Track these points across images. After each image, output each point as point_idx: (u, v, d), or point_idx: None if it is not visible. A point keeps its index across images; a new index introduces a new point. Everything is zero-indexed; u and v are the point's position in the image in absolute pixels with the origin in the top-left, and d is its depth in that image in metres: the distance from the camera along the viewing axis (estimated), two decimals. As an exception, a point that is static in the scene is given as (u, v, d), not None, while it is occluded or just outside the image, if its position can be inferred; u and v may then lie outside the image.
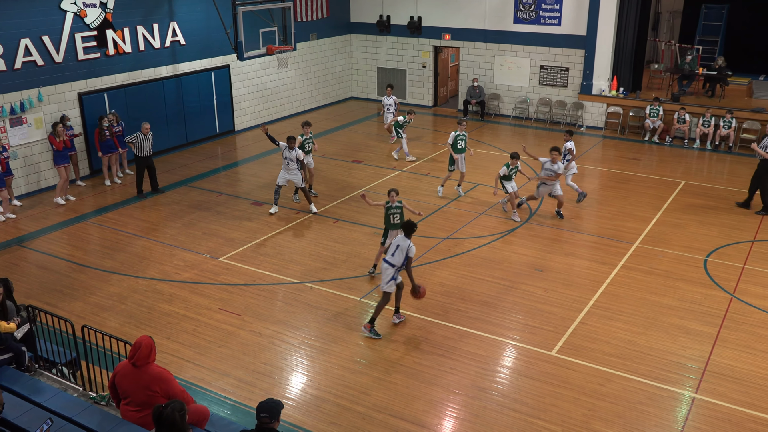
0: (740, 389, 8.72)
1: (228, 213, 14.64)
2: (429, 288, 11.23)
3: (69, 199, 15.40)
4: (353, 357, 9.48)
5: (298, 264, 12.31)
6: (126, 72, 17.44)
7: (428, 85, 24.30)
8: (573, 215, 14.41)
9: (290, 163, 13.99)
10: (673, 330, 10.08)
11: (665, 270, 11.96)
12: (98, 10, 16.48)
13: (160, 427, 5.67)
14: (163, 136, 18.47)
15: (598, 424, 8.08)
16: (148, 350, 6.60)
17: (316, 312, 10.70)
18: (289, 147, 13.94)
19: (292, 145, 13.96)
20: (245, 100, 21.17)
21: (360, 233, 13.60)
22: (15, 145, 15.19)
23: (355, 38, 25.09)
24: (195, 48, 19.16)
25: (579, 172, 16.45)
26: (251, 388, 8.78)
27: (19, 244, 13.25)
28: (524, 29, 21.86)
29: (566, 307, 10.76)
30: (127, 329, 10.11)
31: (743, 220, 14.06)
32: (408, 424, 8.10)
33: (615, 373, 9.04)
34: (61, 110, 15.95)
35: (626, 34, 21.15)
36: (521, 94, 22.56)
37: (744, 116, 19.27)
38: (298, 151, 14.01)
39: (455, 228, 13.77)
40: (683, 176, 16.89)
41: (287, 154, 13.95)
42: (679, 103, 20.15)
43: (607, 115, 21.21)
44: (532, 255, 12.60)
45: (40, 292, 11.29)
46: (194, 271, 12.08)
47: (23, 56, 15.04)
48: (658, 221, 14.07)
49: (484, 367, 9.23)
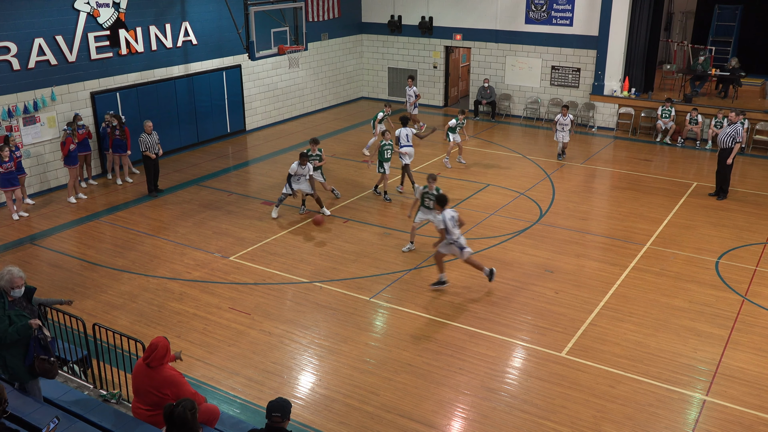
0: (752, 392, 8.66)
1: (238, 212, 14.69)
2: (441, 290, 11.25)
3: (81, 198, 15.51)
4: (362, 357, 9.49)
5: (307, 263, 12.34)
6: (138, 71, 17.54)
7: (439, 85, 24.28)
8: (583, 216, 14.35)
9: (300, 177, 14.07)
10: (684, 332, 10.03)
11: (676, 272, 11.90)
12: (111, 9, 16.57)
13: (171, 425, 5.68)
14: (175, 136, 18.56)
15: (607, 426, 8.05)
16: (164, 352, 6.61)
17: (325, 312, 10.72)
18: (300, 163, 13.90)
19: (304, 162, 13.91)
20: (256, 100, 21.23)
21: (370, 233, 13.61)
22: (28, 144, 15.31)
23: (367, 38, 25.11)
24: (207, 48, 19.24)
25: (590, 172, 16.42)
26: (261, 387, 8.81)
27: (32, 242, 13.35)
28: (536, 29, 21.80)
29: (576, 308, 10.72)
30: (137, 327, 10.17)
31: (755, 222, 13.97)
32: (417, 425, 8.10)
33: (625, 375, 9.00)
34: (74, 109, 16.05)
35: (638, 34, 21.05)
36: (532, 95, 22.50)
37: (757, 117, 19.14)
38: (309, 167, 14.06)
39: (465, 228, 13.74)
40: (695, 177, 16.79)
41: (300, 170, 13.97)
42: (692, 104, 20.04)
43: (619, 116, 21.12)
44: (543, 256, 12.57)
45: (52, 290, 11.36)
46: (204, 270, 12.13)
47: (37, 56, 15.16)
48: (669, 223, 14.00)
49: (494, 368, 9.22)
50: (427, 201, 12.31)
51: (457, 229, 10.96)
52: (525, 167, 17.64)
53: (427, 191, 12.30)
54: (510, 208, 14.76)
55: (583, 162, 17.83)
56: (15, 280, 6.82)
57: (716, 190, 15.37)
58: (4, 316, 6.70)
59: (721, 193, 15.28)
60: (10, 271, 6.81)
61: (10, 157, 13.83)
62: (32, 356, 6.82)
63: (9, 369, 6.91)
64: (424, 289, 11.33)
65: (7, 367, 6.90)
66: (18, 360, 6.84)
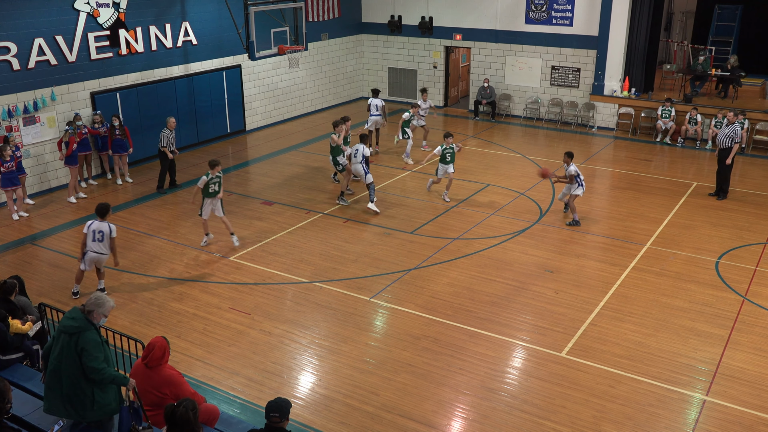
0: (752, 392, 8.66)
1: (238, 212, 14.69)
2: (439, 288, 11.26)
3: (81, 198, 15.51)
4: (362, 357, 9.49)
5: (307, 263, 12.34)
6: (138, 71, 17.54)
7: (439, 85, 24.28)
8: (584, 216, 14.35)
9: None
10: (684, 332, 10.03)
11: (676, 272, 11.90)
12: (111, 9, 16.57)
13: (173, 425, 5.68)
14: (175, 136, 18.52)
15: (607, 426, 8.05)
16: (161, 352, 6.61)
17: (325, 312, 10.72)
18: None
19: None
20: (256, 100, 21.23)
21: (370, 233, 13.61)
22: (28, 144, 15.32)
23: (367, 38, 25.11)
24: (207, 48, 19.24)
25: (590, 172, 16.42)
26: (261, 387, 8.81)
27: (32, 242, 13.35)
28: (536, 29, 21.80)
29: (576, 308, 10.72)
30: (137, 327, 10.17)
31: (755, 222, 13.96)
32: (417, 425, 8.10)
33: (625, 375, 9.00)
34: (74, 109, 16.06)
35: (638, 34, 21.05)
36: (532, 95, 22.50)
37: (757, 117, 19.14)
38: (365, 149, 14.52)
39: (465, 228, 13.75)
40: (695, 177, 16.79)
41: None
42: (692, 104, 20.04)
43: (619, 116, 21.12)
44: (543, 256, 12.57)
45: (52, 290, 11.36)
46: (204, 270, 12.13)
47: (37, 56, 15.16)
48: (669, 223, 14.00)
49: (494, 368, 9.22)
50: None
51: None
52: (525, 167, 17.64)
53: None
54: (510, 208, 14.76)
55: (583, 162, 17.82)
56: (109, 310, 6.48)
57: (716, 190, 15.37)
58: (104, 349, 6.29)
59: (721, 193, 15.28)
60: (108, 301, 6.42)
61: (11, 156, 13.84)
62: (128, 425, 6.31)
63: (96, 404, 6.26)
64: (424, 289, 11.34)
65: (94, 402, 6.25)
66: (110, 396, 6.34)
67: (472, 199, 15.35)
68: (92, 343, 6.16)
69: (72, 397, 6.21)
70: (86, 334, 6.17)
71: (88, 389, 6.20)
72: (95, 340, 6.20)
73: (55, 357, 6.23)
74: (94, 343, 6.18)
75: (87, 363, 6.09)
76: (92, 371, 6.11)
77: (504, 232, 13.61)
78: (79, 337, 6.13)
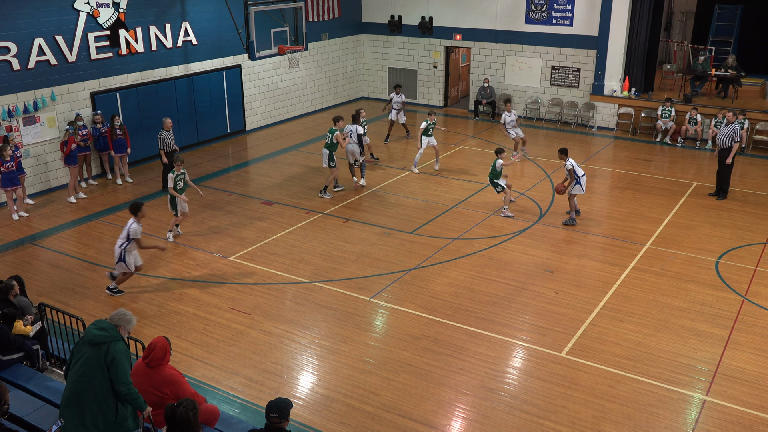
0: (752, 392, 8.66)
1: (238, 212, 14.69)
2: (439, 288, 11.25)
3: (81, 198, 15.51)
4: (362, 357, 9.49)
5: (307, 263, 12.34)
6: (138, 71, 17.54)
7: (439, 85, 24.28)
8: (584, 216, 14.35)
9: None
10: (684, 332, 10.03)
11: (676, 272, 11.90)
12: (111, 9, 16.57)
13: (173, 425, 5.68)
14: (175, 136, 18.45)
15: (607, 426, 8.05)
16: (162, 352, 6.62)
17: (325, 312, 10.72)
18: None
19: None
20: (256, 100, 21.23)
21: (370, 233, 13.61)
22: (28, 144, 15.31)
23: (366, 38, 25.11)
24: (207, 48, 19.24)
25: (590, 172, 16.39)
26: (260, 387, 8.81)
27: (32, 242, 13.35)
28: (536, 29, 21.80)
29: (576, 308, 10.72)
30: (137, 327, 10.13)
31: (755, 222, 13.96)
32: (417, 425, 8.10)
33: (625, 375, 9.00)
34: (74, 109, 16.06)
35: (638, 34, 21.05)
36: (532, 95, 22.50)
37: (757, 117, 19.14)
38: (358, 128, 15.64)
39: (465, 228, 13.76)
40: (695, 177, 16.79)
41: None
42: (692, 104, 20.04)
43: (619, 116, 21.12)
44: (543, 256, 12.57)
45: (52, 290, 11.37)
46: (204, 270, 12.13)
47: (37, 56, 15.16)
48: (669, 223, 14.00)
49: (494, 368, 9.22)
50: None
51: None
52: (525, 167, 17.64)
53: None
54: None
55: (583, 162, 17.82)
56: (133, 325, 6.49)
57: (716, 190, 15.37)
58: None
59: (721, 193, 15.28)
60: (134, 318, 6.45)
61: (11, 156, 13.84)
62: None
63: (119, 417, 6.11)
64: (424, 289, 11.34)
65: (117, 415, 6.09)
66: (128, 412, 6.22)
67: (472, 199, 15.36)
68: (123, 353, 6.11)
69: (95, 413, 5.99)
70: (118, 343, 6.11)
71: (112, 402, 6.04)
72: (126, 350, 6.17)
73: (75, 372, 6.04)
74: (126, 353, 6.14)
75: (117, 373, 5.97)
76: (121, 383, 5.98)
77: (504, 232, 13.61)
78: (109, 347, 6.03)
